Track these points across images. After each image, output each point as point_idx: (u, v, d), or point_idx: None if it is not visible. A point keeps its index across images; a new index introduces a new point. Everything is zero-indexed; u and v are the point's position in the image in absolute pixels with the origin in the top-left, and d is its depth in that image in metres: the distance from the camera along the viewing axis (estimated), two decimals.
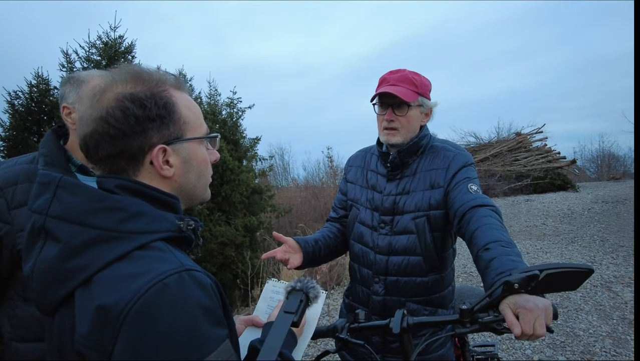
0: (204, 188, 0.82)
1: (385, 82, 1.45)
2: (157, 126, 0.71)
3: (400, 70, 1.47)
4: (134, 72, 0.73)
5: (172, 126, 0.73)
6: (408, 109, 1.42)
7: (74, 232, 0.64)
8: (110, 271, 0.62)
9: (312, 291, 0.98)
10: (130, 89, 0.70)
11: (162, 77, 0.75)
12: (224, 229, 6.34)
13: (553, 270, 0.87)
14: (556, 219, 8.54)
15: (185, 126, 0.75)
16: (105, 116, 0.68)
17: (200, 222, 0.79)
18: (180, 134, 0.74)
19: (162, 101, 0.72)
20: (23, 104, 5.45)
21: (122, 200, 0.67)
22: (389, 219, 1.45)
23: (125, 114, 0.68)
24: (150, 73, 0.74)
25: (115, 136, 0.68)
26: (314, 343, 3.58)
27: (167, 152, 0.72)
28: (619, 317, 3.80)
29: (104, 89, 0.71)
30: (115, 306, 0.58)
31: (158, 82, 0.74)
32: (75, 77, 1.32)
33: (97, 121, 0.69)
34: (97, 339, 0.59)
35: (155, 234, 0.67)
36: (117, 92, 0.70)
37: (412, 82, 1.42)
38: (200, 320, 0.60)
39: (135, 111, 0.69)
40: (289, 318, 0.91)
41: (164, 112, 0.72)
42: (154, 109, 0.70)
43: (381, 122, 1.47)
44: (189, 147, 0.76)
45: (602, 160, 19.13)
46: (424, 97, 1.45)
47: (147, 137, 0.70)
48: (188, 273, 0.63)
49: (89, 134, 0.70)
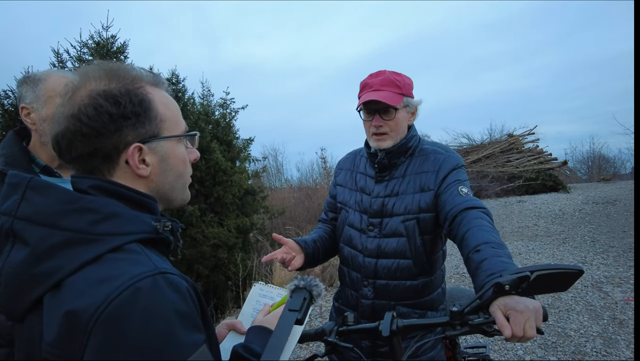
0: (182, 189, 0.79)
1: (367, 88, 1.42)
2: (132, 123, 0.69)
3: (381, 72, 1.44)
4: (108, 69, 0.70)
5: (148, 124, 0.70)
6: (395, 112, 1.40)
7: (43, 235, 0.61)
8: (81, 275, 0.59)
9: (315, 289, 0.98)
10: (104, 85, 0.68)
11: (138, 74, 0.73)
12: (216, 231, 6.28)
13: (543, 271, 0.86)
14: (548, 220, 8.62)
15: (162, 124, 0.73)
16: (77, 114, 0.66)
17: (179, 223, 0.76)
18: (157, 132, 0.72)
19: (137, 98, 0.69)
20: (13, 103, 5.37)
21: (95, 201, 0.65)
22: (378, 221, 1.44)
23: (98, 112, 0.66)
24: (125, 69, 0.72)
25: (89, 134, 0.66)
26: (306, 346, 3.56)
27: (143, 151, 0.70)
28: (610, 317, 3.83)
29: (76, 86, 0.68)
30: (84, 312, 0.55)
31: (134, 79, 0.71)
32: (32, 77, 1.30)
33: (70, 119, 0.66)
34: (65, 347, 0.56)
35: (130, 236, 0.64)
36: (90, 89, 0.67)
37: (395, 85, 1.40)
38: (175, 325, 0.58)
39: (109, 108, 0.66)
40: (293, 315, 0.90)
41: (139, 109, 0.69)
42: (129, 106, 0.68)
43: (369, 128, 1.45)
44: (166, 146, 0.74)
45: (592, 161, 19.38)
46: (408, 96, 1.44)
47: (122, 135, 0.68)
48: (162, 276, 0.60)
49: (61, 132, 0.67)
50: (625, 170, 18.68)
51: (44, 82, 1.28)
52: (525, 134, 14.53)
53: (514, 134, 14.61)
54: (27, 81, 1.29)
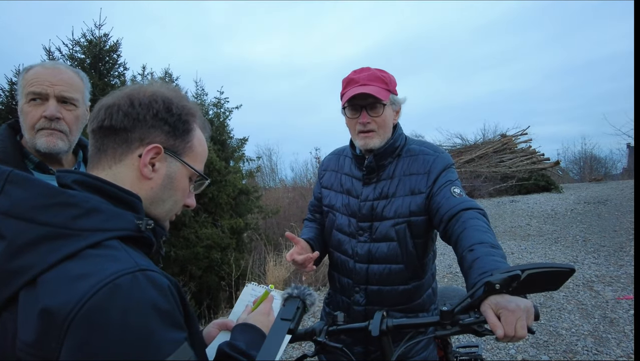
0: (166, 213, 0.79)
1: (353, 83, 1.36)
2: (167, 131, 0.74)
3: (365, 68, 1.40)
4: (180, 90, 0.81)
5: (179, 141, 0.76)
6: (383, 108, 1.35)
7: (20, 229, 0.60)
8: (58, 271, 0.57)
9: (309, 298, 0.97)
10: (168, 95, 0.76)
11: (197, 110, 0.81)
12: (210, 232, 6.24)
13: (535, 270, 0.86)
14: (540, 219, 8.68)
15: (188, 150, 0.78)
16: (132, 97, 0.72)
17: (165, 231, 0.79)
18: (181, 153, 0.77)
19: (185, 118, 0.76)
20: (3, 102, 5.29)
21: (76, 196, 0.64)
22: (368, 225, 1.40)
23: (150, 106, 0.72)
24: (191, 101, 0.81)
25: (129, 115, 0.71)
26: (296, 346, 3.54)
27: (160, 155, 0.73)
28: (600, 316, 3.86)
29: (148, 85, 0.77)
30: (61, 309, 0.53)
31: (192, 108, 0.79)
32: (23, 70, 1.27)
33: (123, 98, 0.72)
34: (40, 345, 0.54)
35: (110, 233, 0.63)
36: (156, 91, 0.75)
37: (382, 80, 1.35)
38: (154, 323, 0.57)
39: (159, 109, 0.73)
40: (286, 325, 0.89)
41: (180, 126, 0.76)
42: (175, 117, 0.75)
43: (354, 126, 1.39)
44: (179, 168, 0.77)
45: (584, 162, 19.53)
46: (394, 94, 1.40)
47: (153, 133, 0.73)
48: (143, 273, 0.59)
49: (109, 103, 0.72)
50: (617, 170, 18.91)
51: (25, 73, 1.25)
52: (518, 135, 14.62)
53: (506, 135, 14.69)
54: (20, 74, 1.28)
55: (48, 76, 1.24)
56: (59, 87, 1.24)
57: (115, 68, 5.84)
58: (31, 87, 1.22)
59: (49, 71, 1.25)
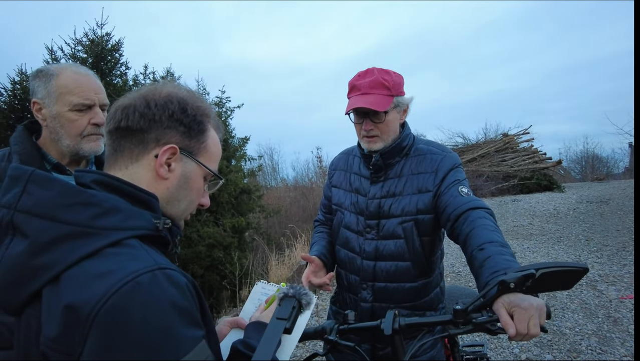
0: (182, 212, 0.80)
1: (355, 90, 1.38)
2: (183, 132, 0.75)
3: (369, 71, 1.39)
4: (195, 91, 0.81)
5: (194, 141, 0.77)
6: (385, 115, 1.36)
7: (43, 227, 0.61)
8: (80, 269, 0.59)
9: (304, 298, 0.97)
10: (183, 95, 0.77)
11: (211, 111, 0.82)
12: (212, 231, 6.25)
13: (549, 269, 0.86)
14: (542, 219, 8.67)
15: (203, 151, 0.79)
16: (148, 98, 0.73)
17: (180, 230, 0.79)
18: (196, 153, 0.77)
19: (199, 119, 0.77)
20: (6, 101, 5.29)
21: (96, 195, 0.65)
22: (375, 223, 1.41)
23: (165, 107, 0.73)
24: (206, 102, 0.82)
25: (145, 116, 0.72)
26: (303, 345, 3.54)
27: (176, 155, 0.74)
28: (604, 315, 3.85)
29: (162, 86, 0.78)
30: (84, 306, 0.55)
31: (207, 109, 0.80)
32: (45, 71, 1.26)
33: (140, 99, 0.73)
34: (64, 341, 0.55)
35: (130, 231, 0.64)
36: (171, 91, 0.76)
37: (383, 86, 1.35)
38: (174, 320, 0.58)
39: (175, 109, 0.74)
40: (282, 324, 0.88)
41: (195, 126, 0.76)
42: (190, 118, 0.75)
43: (359, 131, 1.42)
44: (194, 168, 0.78)
45: (586, 161, 19.53)
46: (399, 96, 1.39)
47: (168, 134, 0.73)
48: (162, 272, 0.60)
49: (125, 104, 0.73)
50: (618, 170, 18.86)
51: (56, 78, 1.25)
52: (520, 134, 14.60)
53: (508, 134, 14.66)
54: (39, 75, 1.26)
55: (90, 84, 1.29)
56: (101, 95, 1.31)
57: (117, 67, 5.86)
58: (78, 98, 1.25)
59: (85, 78, 1.29)
